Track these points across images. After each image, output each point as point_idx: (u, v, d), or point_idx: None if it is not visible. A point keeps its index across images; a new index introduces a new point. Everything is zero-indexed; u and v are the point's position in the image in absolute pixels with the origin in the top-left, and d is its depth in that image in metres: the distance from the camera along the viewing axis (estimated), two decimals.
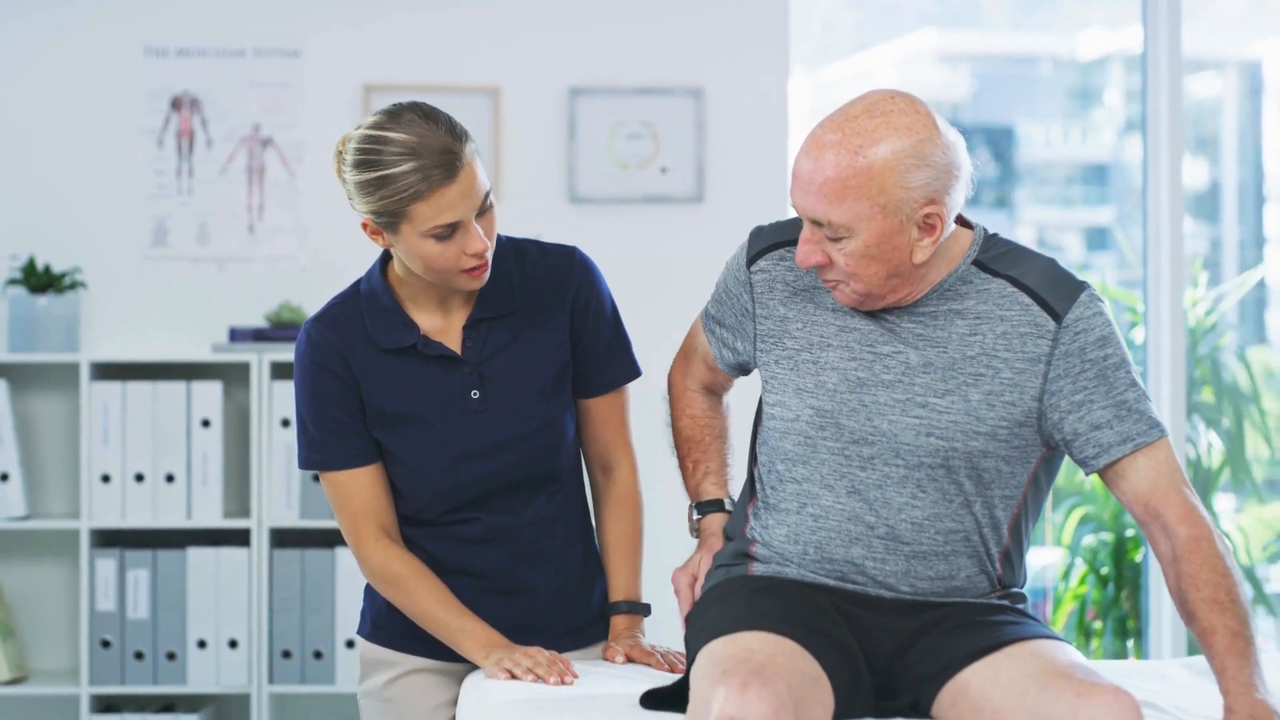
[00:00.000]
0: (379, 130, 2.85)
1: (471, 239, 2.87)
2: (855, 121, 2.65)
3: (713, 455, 3.13)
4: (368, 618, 3.19)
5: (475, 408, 3.02)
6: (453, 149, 2.83)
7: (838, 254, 2.69)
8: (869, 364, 2.78)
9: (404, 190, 2.82)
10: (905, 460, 2.75)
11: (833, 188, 2.64)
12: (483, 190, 2.88)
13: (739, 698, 2.46)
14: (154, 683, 4.90)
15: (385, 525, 3.05)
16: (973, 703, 2.64)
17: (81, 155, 5.14)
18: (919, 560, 2.77)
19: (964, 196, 2.72)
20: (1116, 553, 5.88)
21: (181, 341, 5.11)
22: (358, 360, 3.02)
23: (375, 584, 3.08)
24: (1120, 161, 7.34)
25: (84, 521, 4.88)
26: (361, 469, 3.04)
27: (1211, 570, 2.64)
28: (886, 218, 2.65)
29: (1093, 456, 2.74)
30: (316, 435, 3.05)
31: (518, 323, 3.06)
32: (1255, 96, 6.96)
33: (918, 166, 2.64)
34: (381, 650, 3.16)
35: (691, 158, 5.20)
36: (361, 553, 3.06)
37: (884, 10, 7.19)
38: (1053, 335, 2.73)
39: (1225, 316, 6.27)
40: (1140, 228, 5.56)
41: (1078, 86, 7.55)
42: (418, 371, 3.03)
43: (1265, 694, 2.56)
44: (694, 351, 3.13)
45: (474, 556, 3.08)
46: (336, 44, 5.17)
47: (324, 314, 3.06)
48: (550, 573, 3.12)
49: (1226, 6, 7.04)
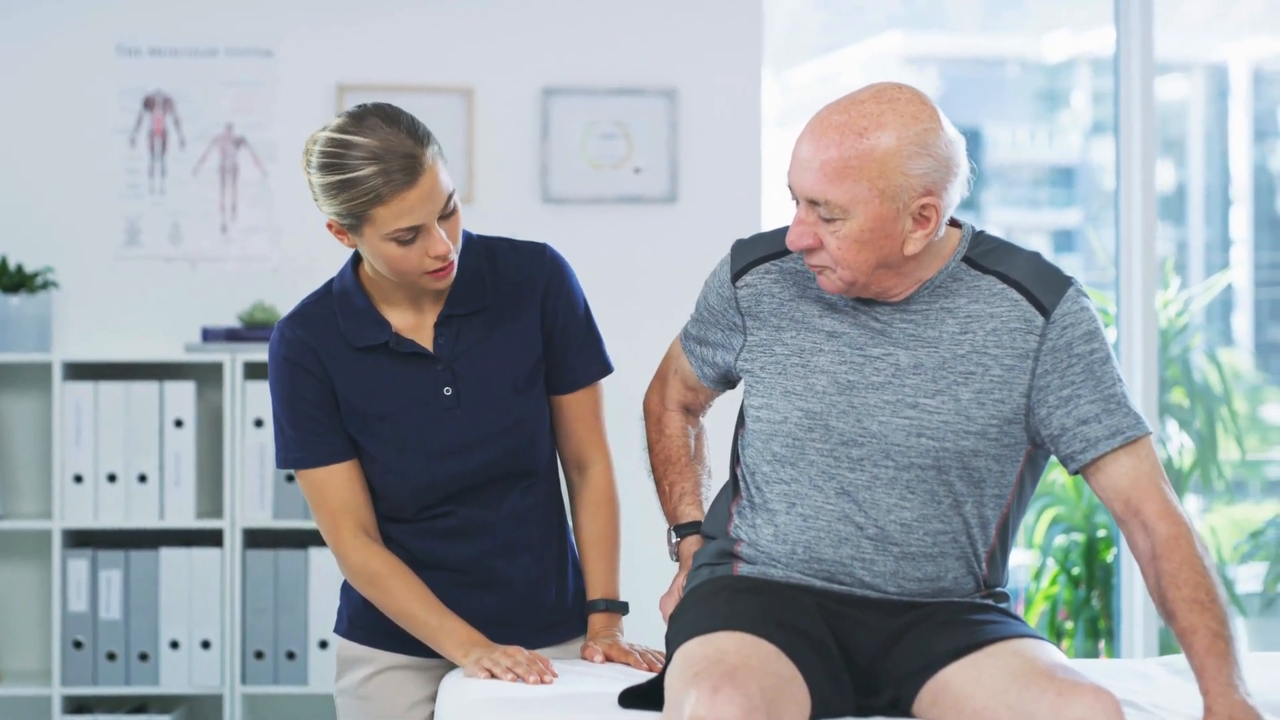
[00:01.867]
0: (342, 134, 2.86)
1: (433, 242, 2.89)
2: (862, 105, 2.67)
3: (688, 476, 3.12)
4: (344, 615, 3.20)
5: (448, 404, 3.03)
6: (414, 153, 2.84)
7: (830, 237, 2.69)
8: (859, 367, 2.79)
9: (365, 194, 2.83)
10: (895, 461, 2.76)
11: (834, 167, 2.65)
12: (445, 193, 2.89)
13: (710, 701, 2.46)
14: (126, 683, 4.88)
15: (363, 523, 3.06)
16: (954, 701, 2.64)
17: (54, 155, 5.12)
18: (908, 561, 2.77)
19: (960, 196, 2.73)
20: (1088, 553, 5.90)
21: (154, 341, 5.09)
22: (331, 358, 3.03)
23: (354, 582, 3.08)
24: (1087, 163, 7.37)
25: (56, 522, 4.87)
26: (338, 465, 3.04)
27: (1191, 569, 2.65)
28: (884, 202, 2.66)
29: (1080, 451, 2.74)
30: (293, 434, 3.05)
31: (489, 319, 3.07)
32: (1221, 99, 6.98)
33: (919, 155, 2.65)
34: (358, 647, 3.16)
35: (665, 158, 5.21)
36: (340, 551, 3.05)
37: (851, 12, 7.20)
38: (1040, 330, 2.74)
39: (1193, 319, 6.30)
40: (1106, 229, 5.58)
41: (1044, 89, 7.57)
42: (390, 369, 3.04)
43: (1245, 694, 2.56)
44: (672, 374, 3.13)
45: (449, 550, 3.09)
46: (309, 44, 5.17)
47: (297, 313, 3.07)
48: (526, 566, 3.12)
49: (1193, 9, 7.06)
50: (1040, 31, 7.21)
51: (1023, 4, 7.40)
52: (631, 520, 3.35)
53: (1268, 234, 6.98)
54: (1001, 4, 7.46)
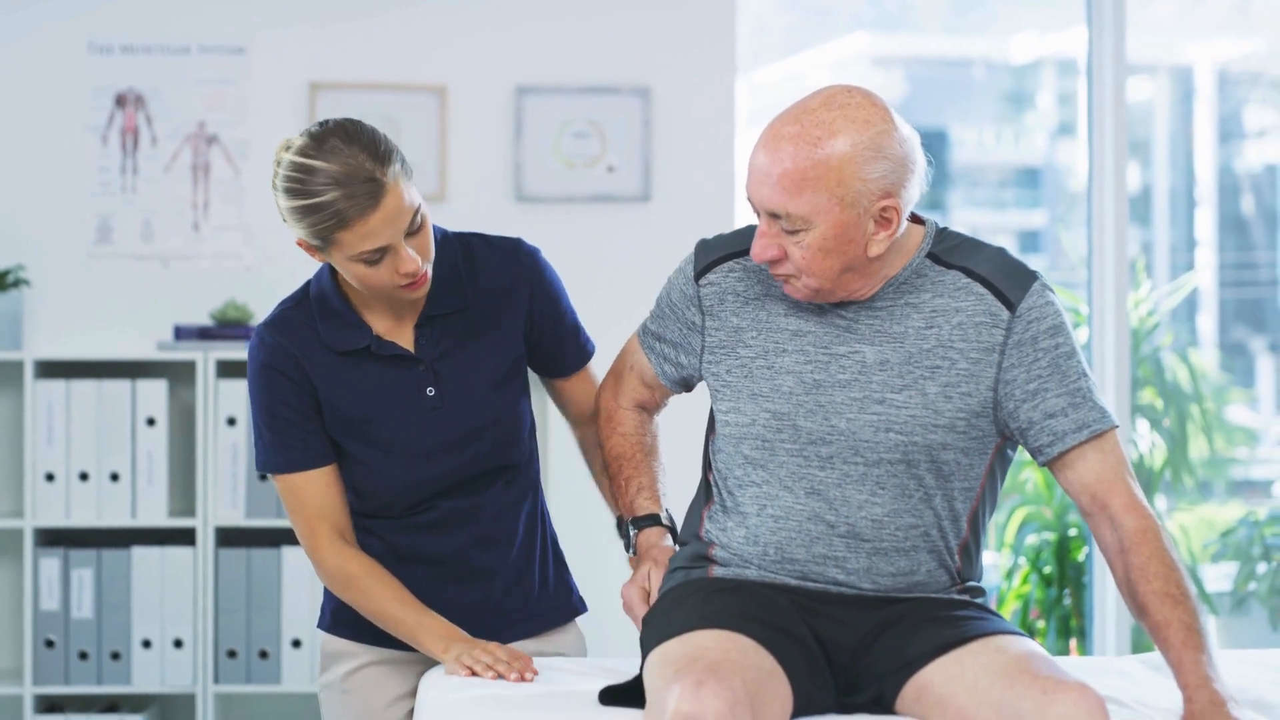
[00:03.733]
0: (304, 157, 2.84)
1: (402, 260, 2.88)
2: (813, 114, 2.67)
3: (644, 471, 3.11)
4: (327, 610, 3.20)
5: (432, 404, 3.04)
6: (374, 176, 2.83)
7: (794, 247, 2.70)
8: (824, 365, 2.79)
9: (328, 219, 2.83)
10: (864, 457, 2.76)
11: (791, 179, 2.65)
12: (409, 211, 2.88)
13: (694, 694, 2.46)
14: (98, 683, 4.87)
15: (340, 527, 3.06)
16: (937, 699, 2.65)
17: (25, 152, 5.11)
18: (880, 557, 2.78)
19: (919, 192, 2.73)
20: (1059, 552, 5.92)
21: (126, 340, 5.08)
22: (311, 363, 3.03)
23: (331, 586, 3.08)
24: (1053, 165, 7.40)
25: (28, 520, 4.85)
26: (316, 471, 3.05)
27: (1160, 563, 2.67)
28: (844, 210, 2.66)
29: (1048, 444, 2.76)
30: (271, 439, 3.05)
31: (469, 318, 3.07)
32: (1186, 101, 7.01)
33: (875, 159, 2.65)
34: (341, 642, 3.17)
35: (638, 157, 5.21)
36: (317, 556, 3.06)
37: (818, 13, 7.22)
38: (1006, 324, 2.75)
39: (1161, 319, 6.33)
40: (1072, 229, 5.59)
41: (1011, 90, 7.59)
42: (373, 372, 3.04)
43: (1222, 685, 2.58)
44: (628, 370, 3.12)
45: (432, 543, 3.09)
46: (282, 42, 5.15)
47: (275, 318, 3.07)
48: (508, 556, 3.13)
49: (1159, 11, 7.09)
50: (1006, 33, 7.24)
51: (989, 6, 7.43)
52: (601, 522, 3.35)
53: (1232, 235, 7.02)
54: (968, 5, 7.48)
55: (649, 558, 3.02)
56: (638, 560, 3.06)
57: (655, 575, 2.98)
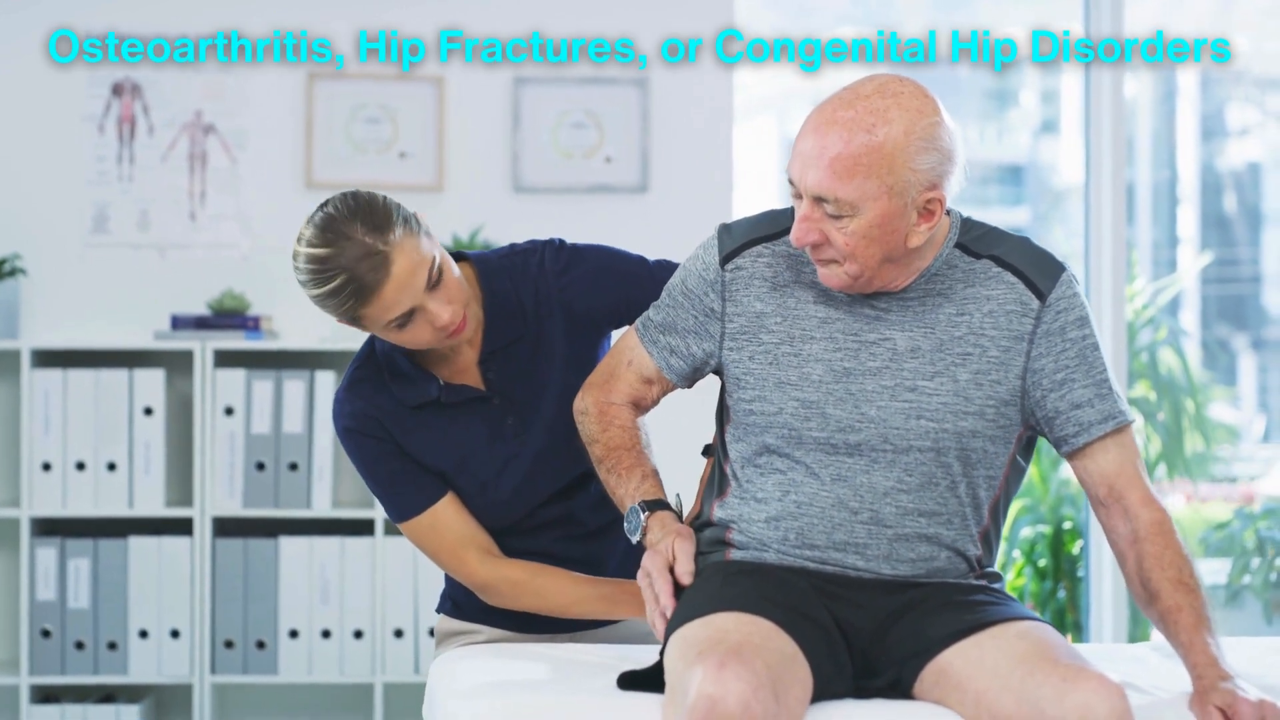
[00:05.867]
0: (312, 249, 2.85)
1: (432, 316, 2.90)
2: (867, 100, 2.64)
3: (644, 462, 3.04)
4: (448, 596, 3.22)
5: (514, 431, 3.07)
6: (377, 251, 2.83)
7: (837, 233, 2.67)
8: (854, 353, 2.78)
9: (347, 301, 2.84)
10: (894, 445, 2.76)
11: (843, 164, 2.62)
12: (425, 265, 2.87)
13: (717, 676, 2.45)
14: (94, 673, 4.86)
15: (483, 545, 3.08)
16: (955, 683, 2.64)
17: (21, 141, 5.09)
18: (901, 543, 2.77)
19: (959, 186, 2.71)
20: (1054, 545, 5.94)
21: (123, 329, 5.07)
22: (392, 421, 3.05)
23: (502, 602, 3.09)
24: (1036, 162, 7.42)
25: (24, 510, 4.84)
26: (439, 504, 3.06)
27: (1175, 553, 2.69)
28: (892, 198, 2.64)
29: (1073, 435, 2.76)
30: (385, 492, 3.08)
31: (529, 341, 3.09)
32: (1170, 99, 7.04)
33: (926, 149, 2.63)
34: (460, 623, 3.20)
35: (636, 147, 5.21)
36: (475, 581, 3.07)
37: (801, 11, 7.22)
38: (1036, 314, 2.76)
39: (1154, 314, 6.35)
40: (1055, 226, 5.61)
41: (994, 88, 7.61)
42: (451, 418, 3.06)
43: (1230, 667, 2.61)
44: (624, 366, 3.04)
45: (535, 541, 3.13)
46: (279, 31, 5.13)
47: (348, 382, 3.08)
48: (612, 545, 3.16)
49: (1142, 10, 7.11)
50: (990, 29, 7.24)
51: (973, 3, 7.43)
52: None
53: (1215, 233, 7.05)
54: (951, 2, 7.49)
55: (673, 531, 2.90)
56: (662, 534, 2.92)
57: (681, 545, 2.85)
